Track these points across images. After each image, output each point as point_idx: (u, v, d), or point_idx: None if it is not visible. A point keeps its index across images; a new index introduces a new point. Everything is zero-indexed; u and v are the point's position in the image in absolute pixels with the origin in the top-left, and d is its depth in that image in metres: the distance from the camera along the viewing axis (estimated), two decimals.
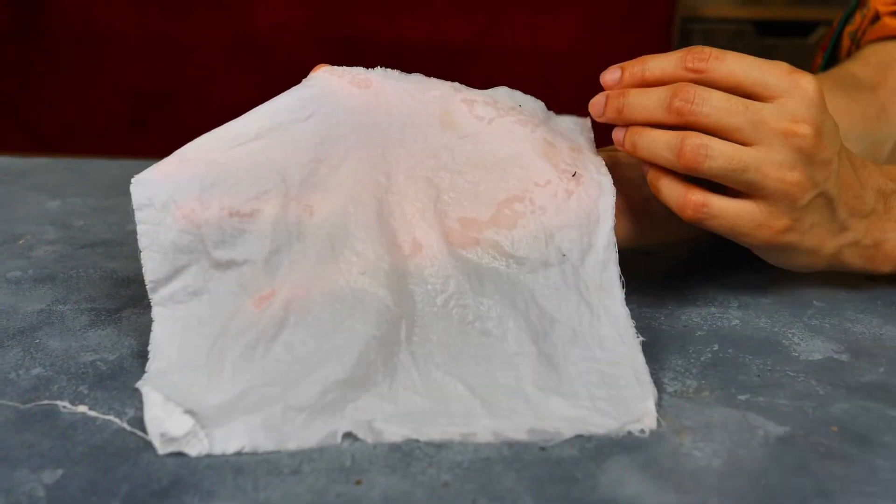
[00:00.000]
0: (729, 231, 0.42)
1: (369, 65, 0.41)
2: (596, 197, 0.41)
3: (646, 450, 0.35)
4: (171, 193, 0.38)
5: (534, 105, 0.44)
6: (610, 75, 0.43)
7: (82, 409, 0.36)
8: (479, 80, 1.60)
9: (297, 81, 0.41)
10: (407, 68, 0.42)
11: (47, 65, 1.41)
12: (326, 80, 0.41)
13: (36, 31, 1.39)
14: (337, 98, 0.41)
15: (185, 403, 0.35)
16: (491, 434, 0.35)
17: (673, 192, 0.42)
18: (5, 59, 1.41)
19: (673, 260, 0.53)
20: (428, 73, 0.43)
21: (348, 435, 0.35)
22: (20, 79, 1.42)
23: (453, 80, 0.43)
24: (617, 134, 0.43)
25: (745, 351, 0.43)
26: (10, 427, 0.35)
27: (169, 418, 0.35)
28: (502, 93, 0.44)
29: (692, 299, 0.48)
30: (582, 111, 0.46)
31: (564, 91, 1.42)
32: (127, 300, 0.46)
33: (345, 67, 0.42)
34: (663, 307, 0.47)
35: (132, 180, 0.39)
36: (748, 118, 0.40)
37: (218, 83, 1.36)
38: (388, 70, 0.42)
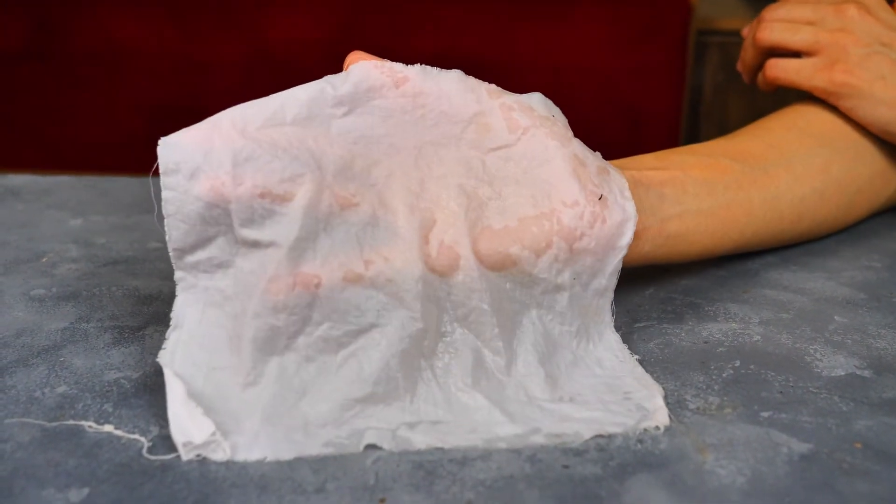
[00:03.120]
0: (795, 77, 0.57)
1: None
2: (619, 223, 0.41)
3: (669, 468, 0.35)
4: (201, 162, 0.36)
5: (563, 117, 0.44)
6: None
7: (108, 428, 0.37)
8: None
9: None
10: None
11: (65, 82, 1.42)
12: (366, 74, 0.40)
13: (53, 50, 1.41)
14: (373, 97, 0.40)
15: (205, 391, 0.36)
16: (513, 439, 0.36)
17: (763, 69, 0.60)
18: (24, 78, 1.42)
19: (692, 276, 0.53)
20: None
21: (371, 446, 0.35)
22: (39, 97, 1.43)
23: None
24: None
25: (767, 367, 0.42)
26: (36, 445, 0.36)
27: (192, 422, 0.35)
28: (536, 100, 0.43)
29: (713, 315, 0.48)
30: (597, 125, 0.47)
31: (579, 106, 1.43)
32: (150, 318, 0.46)
33: (384, 61, 0.41)
34: (683, 323, 0.47)
35: (160, 141, 0.37)
36: (810, 10, 0.58)
37: (235, 99, 1.36)
38: (427, 68, 0.41)
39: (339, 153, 0.39)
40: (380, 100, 0.40)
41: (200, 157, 0.36)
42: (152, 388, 0.40)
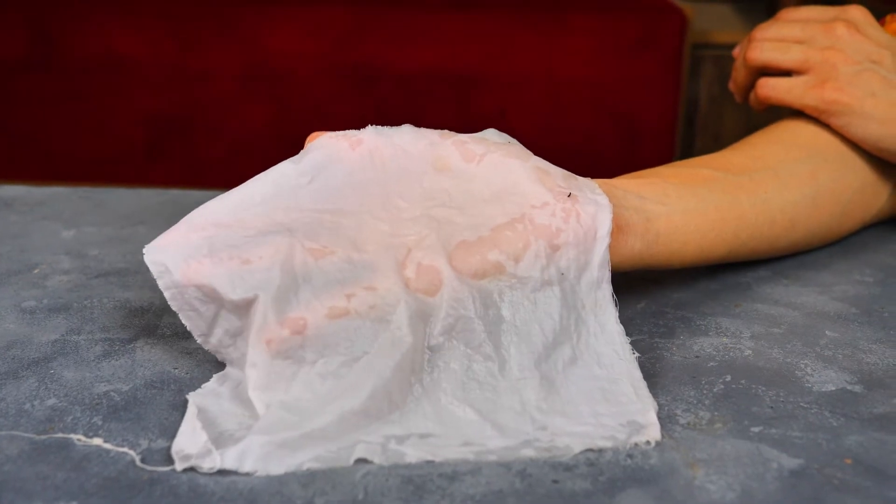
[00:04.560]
0: (786, 95, 0.57)
1: (383, 91, 0.41)
2: (593, 214, 0.42)
3: (659, 483, 0.35)
4: (182, 258, 0.40)
5: (519, 144, 0.46)
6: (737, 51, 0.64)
7: (97, 441, 0.37)
8: (491, 106, 1.60)
9: (311, 108, 0.42)
10: (420, 95, 0.43)
11: (62, 93, 1.42)
12: (325, 143, 0.43)
13: (50, 60, 1.41)
14: (334, 161, 0.43)
15: (213, 421, 0.37)
16: (504, 452, 0.36)
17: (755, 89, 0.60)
18: (20, 88, 1.42)
19: (684, 290, 0.53)
20: (441, 100, 0.44)
21: (361, 460, 0.35)
22: (35, 107, 1.43)
23: (466, 106, 0.44)
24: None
25: (758, 382, 0.42)
26: (24, 459, 0.36)
27: (191, 435, 0.36)
28: (491, 132, 0.46)
29: (704, 330, 0.48)
30: (593, 136, 0.47)
31: (576, 117, 1.43)
32: (140, 330, 0.46)
33: (339, 131, 0.44)
34: (674, 337, 0.47)
35: (144, 250, 0.40)
36: (800, 29, 0.58)
37: (232, 111, 1.37)
38: (379, 127, 0.44)
39: (310, 217, 0.41)
40: (339, 163, 0.43)
41: (181, 255, 0.40)
42: (142, 401, 0.40)
